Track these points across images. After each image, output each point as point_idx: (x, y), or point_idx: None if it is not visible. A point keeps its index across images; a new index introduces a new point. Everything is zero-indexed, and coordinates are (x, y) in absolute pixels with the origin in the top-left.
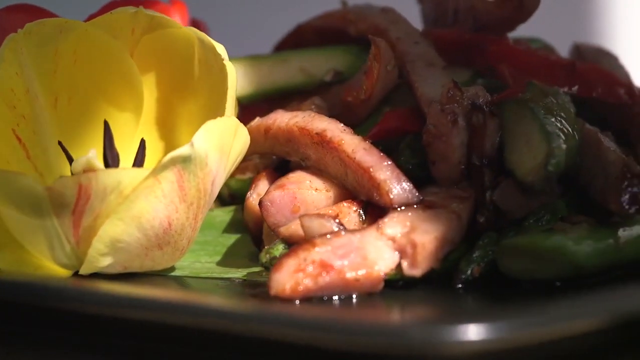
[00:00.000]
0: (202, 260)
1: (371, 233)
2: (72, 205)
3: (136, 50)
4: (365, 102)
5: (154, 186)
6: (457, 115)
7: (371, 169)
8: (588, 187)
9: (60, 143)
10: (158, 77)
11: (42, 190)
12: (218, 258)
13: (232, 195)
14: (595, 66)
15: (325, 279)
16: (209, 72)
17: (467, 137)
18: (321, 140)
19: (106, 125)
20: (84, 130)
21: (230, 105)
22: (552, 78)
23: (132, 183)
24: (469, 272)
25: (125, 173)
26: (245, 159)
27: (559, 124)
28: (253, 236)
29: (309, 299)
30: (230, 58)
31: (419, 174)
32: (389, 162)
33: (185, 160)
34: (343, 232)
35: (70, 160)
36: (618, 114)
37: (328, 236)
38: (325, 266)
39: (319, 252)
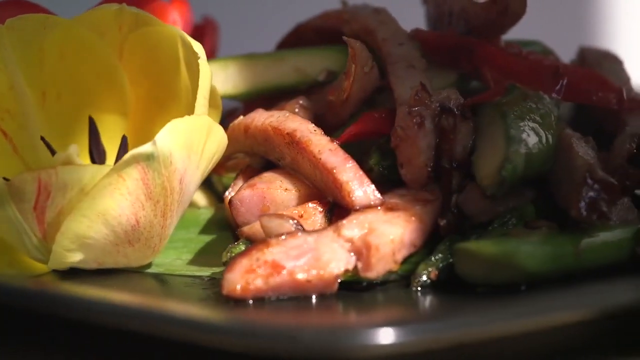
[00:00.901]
0: (182, 258)
1: (328, 234)
2: (32, 201)
3: (125, 47)
4: (344, 103)
5: (118, 183)
6: (423, 118)
7: (335, 170)
8: (556, 192)
9: (42, 138)
10: (146, 75)
11: (2, 184)
12: (199, 255)
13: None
14: (583, 70)
15: (276, 279)
16: (190, 71)
17: (437, 140)
18: (291, 140)
19: (91, 122)
20: (74, 126)
21: (202, 104)
22: (536, 82)
23: (94, 179)
24: (424, 275)
25: (86, 169)
26: (235, 157)
27: (527, 129)
28: (234, 234)
29: (261, 298)
30: (228, 56)
31: (390, 176)
32: (353, 164)
33: (149, 158)
34: (299, 233)
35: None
36: (610, 119)
37: (283, 237)
38: (276, 267)
39: (272, 252)
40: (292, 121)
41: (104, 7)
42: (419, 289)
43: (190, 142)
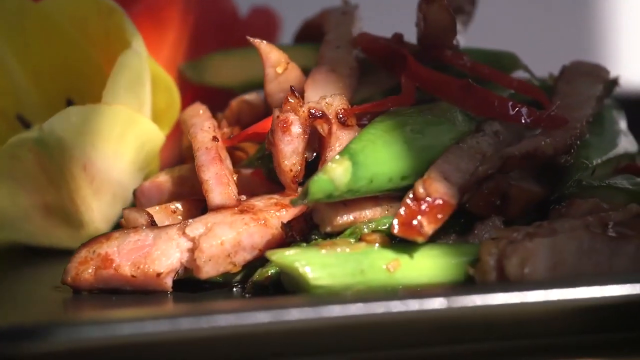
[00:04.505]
0: None
1: (170, 232)
2: None
3: (110, 36)
4: (267, 103)
5: (12, 165)
6: (289, 123)
7: (201, 168)
8: None
9: (19, 116)
10: None
11: None
12: None
13: None
14: (514, 84)
15: (103, 273)
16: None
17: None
18: (190, 137)
19: (68, 104)
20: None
21: (113, 94)
22: (450, 97)
23: None
24: (255, 278)
25: None
26: None
27: (387, 141)
28: None
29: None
30: (231, 49)
31: (275, 178)
32: (218, 165)
33: (38, 142)
34: (143, 228)
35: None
36: None
37: (126, 231)
38: (106, 260)
39: (107, 245)
40: (197, 117)
41: None
42: (250, 292)
43: (93, 130)
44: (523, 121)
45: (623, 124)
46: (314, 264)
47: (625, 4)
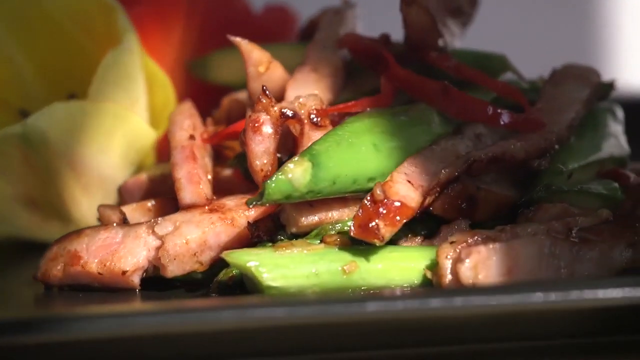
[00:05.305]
0: None
1: (138, 230)
2: None
3: (112, 34)
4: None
5: (0, 160)
6: (260, 123)
7: (174, 167)
8: None
9: (22, 110)
10: None
11: None
12: None
13: None
14: (495, 86)
15: (70, 269)
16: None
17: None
18: (169, 135)
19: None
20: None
21: (98, 91)
22: (429, 99)
23: None
24: (219, 278)
25: None
26: None
27: (354, 144)
28: None
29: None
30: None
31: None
32: (192, 164)
33: (21, 137)
34: (114, 225)
35: None
36: None
37: (97, 228)
38: (74, 257)
39: (77, 242)
40: (179, 115)
41: None
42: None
43: (79, 126)
44: (502, 124)
45: (617, 127)
46: (266, 265)
47: (626, 4)
